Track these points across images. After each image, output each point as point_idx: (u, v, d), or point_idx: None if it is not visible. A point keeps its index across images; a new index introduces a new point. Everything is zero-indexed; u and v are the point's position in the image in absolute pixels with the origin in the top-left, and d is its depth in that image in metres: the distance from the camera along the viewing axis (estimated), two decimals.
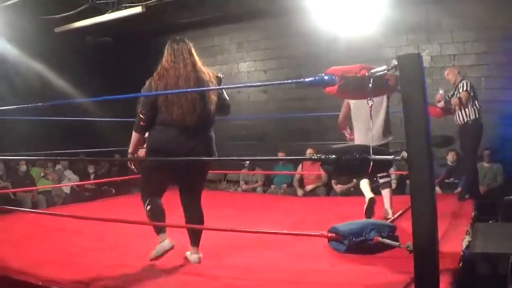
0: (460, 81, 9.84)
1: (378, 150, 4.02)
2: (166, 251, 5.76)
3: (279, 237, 6.53)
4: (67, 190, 13.45)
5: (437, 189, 11.31)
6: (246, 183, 14.04)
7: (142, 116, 5.67)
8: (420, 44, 13.17)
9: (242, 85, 16.46)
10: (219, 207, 9.84)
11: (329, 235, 3.93)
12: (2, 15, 12.45)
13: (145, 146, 6.01)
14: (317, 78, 4.20)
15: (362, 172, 5.14)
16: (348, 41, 12.96)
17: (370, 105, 4.09)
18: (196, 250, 5.99)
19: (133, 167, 6.16)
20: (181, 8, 14.46)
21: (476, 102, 9.74)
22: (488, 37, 12.41)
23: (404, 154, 3.72)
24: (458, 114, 9.76)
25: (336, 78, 4.08)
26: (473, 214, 8.08)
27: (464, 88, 9.70)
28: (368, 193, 8.27)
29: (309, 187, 12.82)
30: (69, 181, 13.74)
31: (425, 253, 3.54)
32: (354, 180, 12.28)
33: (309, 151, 12.44)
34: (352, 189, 12.42)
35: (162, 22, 15.51)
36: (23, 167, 12.83)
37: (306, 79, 4.30)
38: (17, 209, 8.46)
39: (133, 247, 6.65)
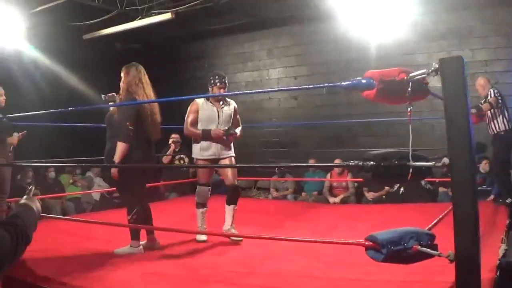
0: (489, 90, 9.75)
1: (418, 156, 3.92)
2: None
3: (313, 245, 6.46)
4: (96, 197, 13.40)
5: None
6: (277, 190, 13.92)
7: (131, 127, 6.35)
8: (451, 50, 13.01)
9: (275, 89, 16.38)
10: (250, 214, 9.77)
11: (367, 243, 3.82)
12: (31, 21, 12.46)
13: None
14: (354, 81, 4.13)
15: (402, 179, 5.04)
16: (379, 47, 12.90)
17: (409, 110, 3.98)
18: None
19: (115, 176, 6.61)
20: (210, 14, 14.44)
21: (505, 111, 9.68)
22: None
23: (446, 160, 3.62)
24: (491, 125, 9.71)
25: (374, 82, 3.99)
26: (507, 222, 7.93)
27: (492, 95, 9.63)
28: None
29: (337, 199, 12.68)
30: (99, 188, 13.69)
31: (467, 262, 3.46)
32: (386, 187, 12.19)
33: (336, 161, 12.33)
34: (384, 196, 12.32)
35: (191, 29, 15.51)
36: (52, 174, 12.82)
37: (344, 83, 4.22)
38: (45, 216, 8.40)
39: (164, 253, 6.61)
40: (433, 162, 3.90)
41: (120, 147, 6.35)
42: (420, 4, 11.89)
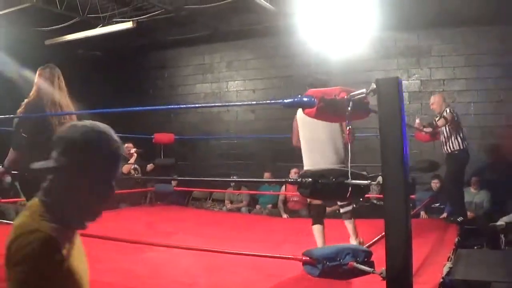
0: (445, 108, 9.81)
1: (357, 174, 3.97)
2: None
3: (256, 258, 6.48)
4: None
5: (423, 213, 11.32)
6: (231, 202, 13.93)
7: (24, 135, 6.01)
8: (410, 68, 13.18)
9: (220, 104, 16.46)
10: (202, 226, 9.82)
11: (304, 258, 3.85)
12: None
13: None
14: (296, 99, 4.15)
15: (340, 197, 5.06)
16: (338, 63, 12.95)
17: (348, 128, 4.02)
18: None
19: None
20: (171, 25, 14.41)
21: (461, 132, 9.75)
22: (477, 63, 12.40)
23: (380, 179, 3.65)
24: (445, 144, 9.75)
25: (315, 100, 4.02)
26: (456, 240, 8.01)
27: (448, 111, 9.68)
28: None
29: (289, 213, 12.64)
30: None
31: (398, 280, 3.47)
32: (339, 202, 12.22)
33: (294, 171, 12.30)
34: (338, 211, 12.34)
35: (152, 38, 15.53)
36: (8, 179, 12.71)
37: (285, 100, 4.25)
38: None
39: (110, 263, 6.57)
40: (369, 181, 3.94)
41: (10, 153, 6.14)
42: (379, 21, 11.94)
